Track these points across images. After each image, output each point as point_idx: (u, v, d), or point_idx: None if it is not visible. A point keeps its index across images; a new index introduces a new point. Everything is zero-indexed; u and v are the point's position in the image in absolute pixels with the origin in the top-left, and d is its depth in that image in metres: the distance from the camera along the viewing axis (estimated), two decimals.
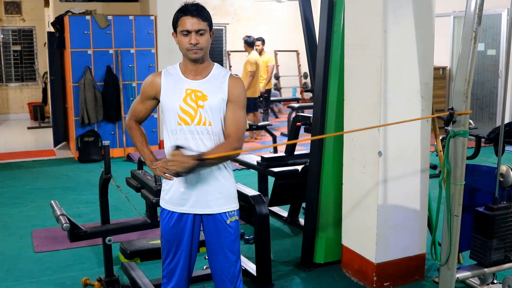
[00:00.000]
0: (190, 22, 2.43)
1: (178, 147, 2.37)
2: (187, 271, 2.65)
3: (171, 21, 2.52)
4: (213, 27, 2.54)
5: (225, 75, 2.57)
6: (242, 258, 3.55)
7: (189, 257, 2.63)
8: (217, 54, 12.92)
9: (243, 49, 9.55)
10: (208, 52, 2.55)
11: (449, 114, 2.96)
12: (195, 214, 2.58)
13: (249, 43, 9.14)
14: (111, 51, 7.74)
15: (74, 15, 7.65)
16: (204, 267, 3.80)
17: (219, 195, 2.56)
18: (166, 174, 2.47)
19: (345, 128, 3.82)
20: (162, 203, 2.63)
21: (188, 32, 2.44)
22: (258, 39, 9.55)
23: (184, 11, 2.45)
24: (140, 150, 2.65)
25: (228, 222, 2.59)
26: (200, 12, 2.44)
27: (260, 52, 9.50)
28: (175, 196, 2.56)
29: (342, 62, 3.81)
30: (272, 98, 11.00)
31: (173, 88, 2.52)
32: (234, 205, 2.64)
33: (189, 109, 2.49)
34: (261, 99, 9.75)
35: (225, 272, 2.63)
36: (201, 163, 2.38)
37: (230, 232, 2.60)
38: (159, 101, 2.60)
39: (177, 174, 2.39)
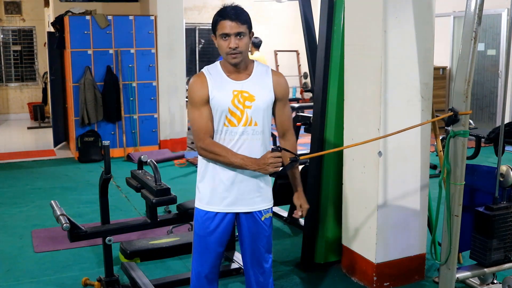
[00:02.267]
0: (229, 26, 2.40)
1: (277, 148, 2.40)
2: (216, 270, 2.67)
3: (171, 21, 2.51)
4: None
5: (267, 71, 2.57)
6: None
7: (220, 256, 2.65)
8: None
9: None
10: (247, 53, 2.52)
11: (454, 114, 2.95)
12: (233, 213, 2.59)
13: (255, 44, 9.13)
14: (111, 51, 7.73)
15: (74, 15, 7.65)
16: None
17: (258, 193, 2.58)
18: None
19: (345, 128, 3.82)
20: (200, 205, 2.60)
21: (227, 36, 2.41)
22: None
23: (223, 15, 2.42)
24: (237, 162, 2.45)
25: (262, 219, 2.62)
26: (239, 15, 2.42)
27: None
28: (213, 197, 2.56)
29: (342, 62, 3.81)
30: None
31: (220, 89, 2.48)
32: (270, 203, 2.66)
33: (236, 110, 2.47)
34: None
35: (256, 268, 2.66)
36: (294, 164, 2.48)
37: (264, 229, 2.63)
38: None
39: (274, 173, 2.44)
